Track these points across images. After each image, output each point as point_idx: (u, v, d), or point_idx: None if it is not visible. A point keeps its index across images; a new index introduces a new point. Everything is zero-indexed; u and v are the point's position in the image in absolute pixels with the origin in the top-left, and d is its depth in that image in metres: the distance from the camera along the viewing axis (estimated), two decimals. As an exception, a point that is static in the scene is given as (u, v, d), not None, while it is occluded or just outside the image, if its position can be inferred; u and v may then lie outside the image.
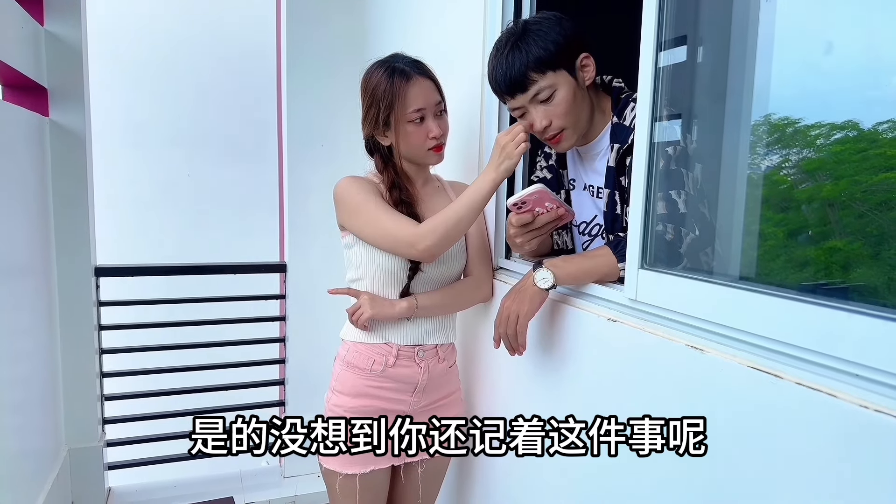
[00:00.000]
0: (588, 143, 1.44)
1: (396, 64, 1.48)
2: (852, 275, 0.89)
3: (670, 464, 0.99)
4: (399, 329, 1.54)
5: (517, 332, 1.29)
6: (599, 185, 1.43)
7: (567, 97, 1.30)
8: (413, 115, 1.45)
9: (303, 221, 2.79)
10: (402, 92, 1.44)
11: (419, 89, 1.46)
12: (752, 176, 1.09)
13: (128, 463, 2.74)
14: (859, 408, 0.68)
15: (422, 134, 1.48)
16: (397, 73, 1.46)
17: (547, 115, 1.32)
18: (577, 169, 1.52)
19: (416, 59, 1.52)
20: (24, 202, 2.09)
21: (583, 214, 1.51)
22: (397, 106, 1.45)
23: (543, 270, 1.24)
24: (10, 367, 1.91)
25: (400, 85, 1.44)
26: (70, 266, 2.44)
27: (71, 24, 2.36)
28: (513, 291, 1.31)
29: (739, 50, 1.07)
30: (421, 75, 1.48)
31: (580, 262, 1.27)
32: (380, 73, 1.48)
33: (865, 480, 0.68)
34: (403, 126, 1.47)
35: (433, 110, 1.48)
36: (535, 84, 1.29)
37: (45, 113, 2.35)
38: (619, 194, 1.35)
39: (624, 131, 1.31)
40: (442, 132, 1.50)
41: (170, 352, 2.80)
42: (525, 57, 1.28)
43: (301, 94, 2.75)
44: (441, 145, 1.51)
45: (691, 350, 0.94)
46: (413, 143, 1.48)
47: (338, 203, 1.53)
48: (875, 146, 0.85)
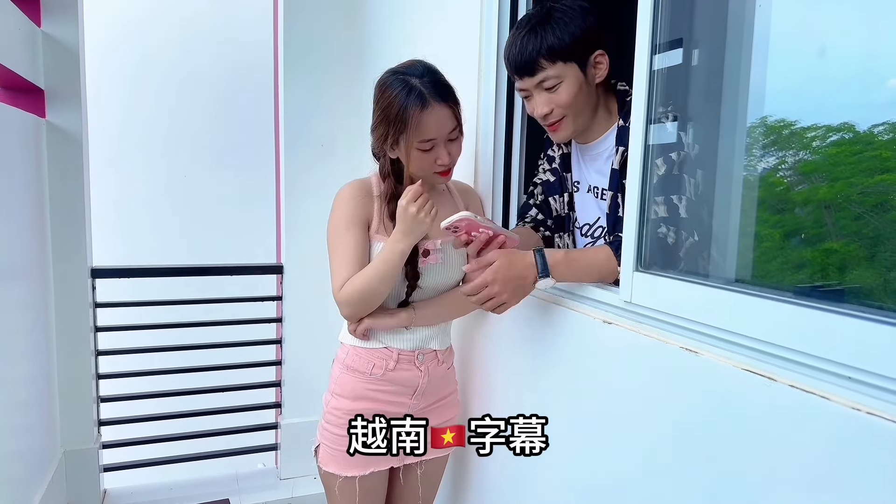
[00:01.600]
0: (591, 143, 1.44)
1: (414, 82, 1.37)
2: (848, 277, 0.89)
3: (662, 465, 0.99)
4: (398, 336, 1.53)
5: (493, 311, 1.29)
6: (603, 186, 1.43)
7: (571, 90, 1.32)
8: (423, 144, 1.39)
9: (300, 223, 2.78)
10: (415, 120, 1.35)
11: (434, 119, 1.37)
12: (749, 178, 1.09)
13: (124, 465, 2.73)
14: (852, 410, 0.68)
15: (429, 160, 1.41)
16: (414, 97, 1.36)
17: (549, 102, 1.34)
18: (581, 171, 1.51)
19: (437, 79, 1.41)
20: (21, 204, 2.08)
21: (586, 216, 1.51)
22: (409, 132, 1.37)
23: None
24: (6, 369, 1.90)
25: (414, 112, 1.35)
26: (66, 267, 2.44)
27: (68, 25, 2.35)
28: (508, 278, 1.26)
29: (735, 52, 1.07)
30: (440, 102, 1.37)
31: (580, 261, 1.27)
32: (395, 90, 1.38)
33: (858, 483, 0.68)
34: (412, 150, 1.40)
35: (445, 138, 1.40)
36: (542, 71, 1.31)
37: (42, 114, 2.34)
38: (623, 196, 1.34)
39: (628, 134, 1.31)
40: (451, 159, 1.43)
41: (166, 353, 2.80)
42: (539, 43, 1.30)
43: (298, 96, 2.75)
44: (448, 170, 1.45)
45: (685, 352, 0.94)
46: (420, 165, 1.43)
47: (329, 217, 1.53)
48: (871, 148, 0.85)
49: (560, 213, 1.55)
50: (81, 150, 2.43)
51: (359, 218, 1.48)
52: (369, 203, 1.50)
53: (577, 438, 1.25)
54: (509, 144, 1.65)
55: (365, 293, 1.41)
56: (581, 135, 1.44)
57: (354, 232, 1.46)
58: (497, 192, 1.66)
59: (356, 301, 1.42)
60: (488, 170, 1.66)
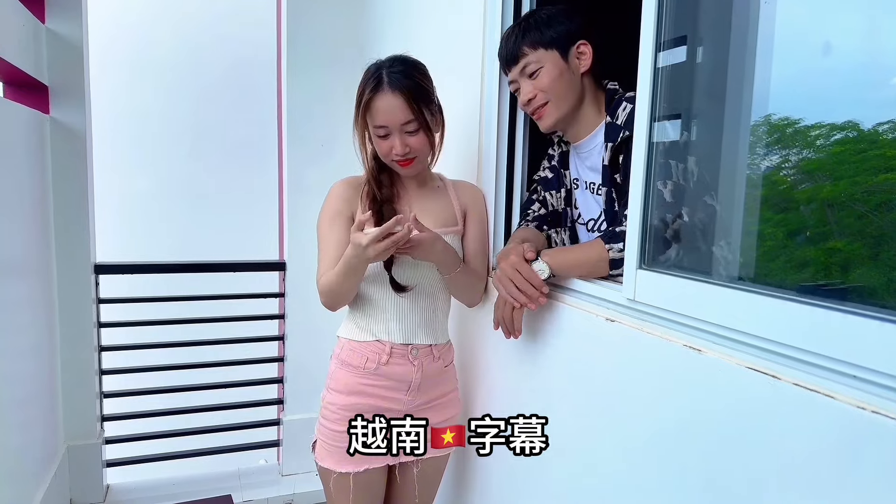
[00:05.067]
0: (581, 141, 1.49)
1: (381, 70, 1.44)
2: (852, 276, 0.88)
3: (664, 463, 0.99)
4: (387, 326, 1.54)
5: (513, 318, 1.37)
6: (597, 181, 1.47)
7: (552, 74, 1.39)
8: (378, 129, 1.46)
9: (302, 220, 2.78)
10: (367, 103, 1.44)
11: (384, 105, 1.42)
12: (752, 176, 1.08)
13: (126, 460, 2.75)
14: (857, 409, 0.68)
15: (386, 147, 1.47)
16: (371, 81, 1.43)
17: (533, 88, 1.41)
18: (577, 169, 1.55)
19: (407, 68, 1.46)
20: (24, 200, 2.09)
21: (589, 212, 1.54)
22: (367, 115, 1.46)
23: (539, 262, 1.30)
24: (10, 364, 1.91)
25: (369, 96, 1.43)
26: (70, 263, 2.45)
27: (72, 21, 2.36)
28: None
29: (739, 50, 1.07)
30: (394, 90, 1.41)
31: (573, 253, 1.33)
32: (366, 75, 1.46)
33: (863, 482, 0.68)
34: (372, 135, 1.48)
35: (399, 129, 1.44)
36: (524, 58, 1.40)
37: (46, 110, 2.35)
38: (616, 191, 1.39)
39: (616, 130, 1.37)
40: (407, 151, 1.46)
41: (168, 349, 2.80)
42: (522, 34, 1.40)
43: (301, 93, 2.75)
44: (408, 161, 1.48)
45: (689, 350, 0.94)
46: (380, 151, 1.50)
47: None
48: (875, 147, 0.85)
49: (556, 208, 1.59)
50: (85, 147, 2.43)
51: (344, 211, 1.54)
52: (356, 198, 1.56)
53: (580, 436, 1.25)
54: (512, 143, 1.66)
55: (333, 286, 1.46)
56: (571, 132, 1.50)
57: (337, 226, 1.52)
58: (500, 189, 1.66)
59: (327, 291, 1.48)
60: (491, 167, 1.66)
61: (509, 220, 1.68)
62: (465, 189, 1.66)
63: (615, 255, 1.23)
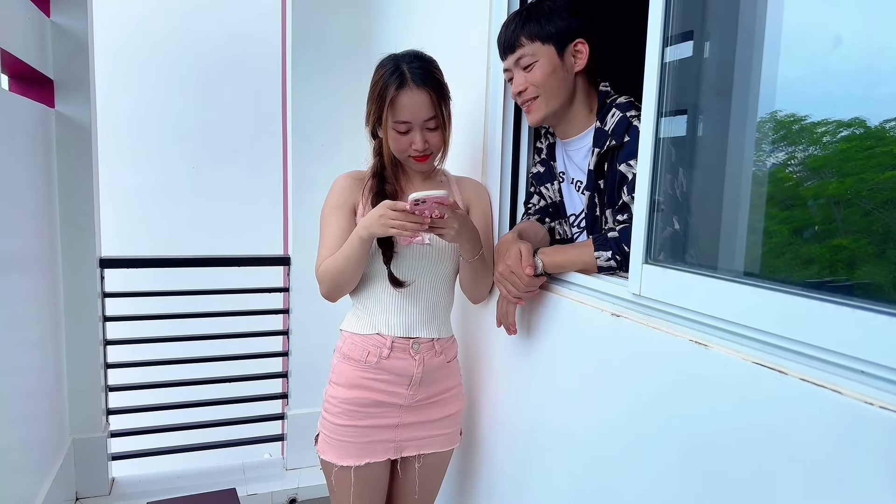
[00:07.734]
0: (570, 139, 1.49)
1: (402, 64, 1.44)
2: (857, 273, 0.88)
3: (670, 459, 0.99)
4: (387, 320, 1.55)
5: (507, 313, 1.43)
6: (583, 181, 1.48)
7: (545, 69, 1.39)
8: (398, 125, 1.46)
9: (306, 215, 2.79)
10: (391, 98, 1.43)
11: (409, 101, 1.43)
12: (758, 173, 1.08)
13: (131, 453, 2.76)
14: (864, 404, 0.68)
15: (405, 143, 1.48)
16: (395, 77, 1.43)
17: (525, 80, 1.42)
18: (564, 163, 1.56)
19: (426, 65, 1.47)
20: (30, 194, 2.09)
21: (572, 207, 1.56)
22: (386, 110, 1.45)
23: (535, 258, 1.35)
24: (15, 358, 1.92)
25: (392, 91, 1.43)
26: (75, 257, 2.45)
27: (77, 15, 2.36)
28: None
29: (746, 46, 1.07)
30: (420, 86, 1.43)
31: (565, 255, 1.36)
32: (385, 69, 1.46)
33: (870, 477, 0.68)
34: (390, 130, 1.48)
35: (421, 125, 1.46)
36: (520, 48, 1.41)
37: (51, 104, 2.35)
38: (598, 197, 1.41)
39: (604, 136, 1.38)
40: (426, 147, 1.48)
41: (173, 343, 2.81)
42: (522, 24, 1.40)
43: (306, 89, 2.75)
44: (425, 156, 1.50)
45: (695, 345, 0.94)
46: (396, 147, 1.50)
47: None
48: (882, 144, 0.85)
49: (555, 199, 1.60)
50: (90, 141, 2.43)
51: (346, 203, 1.56)
52: (358, 190, 1.57)
53: (585, 432, 1.25)
54: (517, 139, 1.66)
55: (333, 273, 1.48)
56: (560, 129, 1.50)
57: (339, 217, 1.55)
58: (505, 185, 1.66)
59: (327, 279, 1.50)
60: (496, 163, 1.66)
61: (514, 215, 1.68)
62: (468, 185, 1.67)
63: (602, 263, 1.27)
